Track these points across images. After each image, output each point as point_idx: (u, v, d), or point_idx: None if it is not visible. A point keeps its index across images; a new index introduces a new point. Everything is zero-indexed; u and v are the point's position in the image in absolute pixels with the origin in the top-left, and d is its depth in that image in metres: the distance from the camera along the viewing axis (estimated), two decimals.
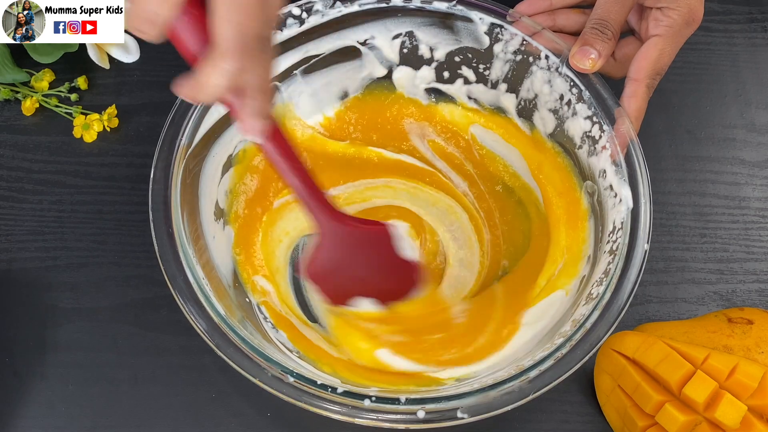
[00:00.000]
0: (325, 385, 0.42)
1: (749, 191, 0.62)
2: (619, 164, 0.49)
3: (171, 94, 0.50)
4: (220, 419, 0.52)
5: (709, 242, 0.60)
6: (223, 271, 0.51)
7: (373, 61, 0.57)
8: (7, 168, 0.60)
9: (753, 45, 0.68)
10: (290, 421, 0.53)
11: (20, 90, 0.62)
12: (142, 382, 0.53)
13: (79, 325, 0.55)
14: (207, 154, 0.52)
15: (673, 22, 0.51)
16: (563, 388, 0.52)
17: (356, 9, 0.53)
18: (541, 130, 0.56)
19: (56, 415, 0.52)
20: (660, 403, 0.46)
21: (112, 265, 0.57)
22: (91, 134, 0.61)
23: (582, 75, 0.51)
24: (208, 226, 0.51)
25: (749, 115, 0.65)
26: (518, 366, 0.43)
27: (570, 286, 0.51)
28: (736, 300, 0.58)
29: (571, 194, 0.55)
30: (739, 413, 0.44)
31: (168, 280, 0.45)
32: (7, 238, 0.58)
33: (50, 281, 0.56)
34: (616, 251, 0.46)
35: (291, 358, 0.48)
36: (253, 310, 0.52)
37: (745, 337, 0.48)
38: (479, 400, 0.41)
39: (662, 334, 0.50)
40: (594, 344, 0.43)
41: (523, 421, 0.53)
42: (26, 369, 0.54)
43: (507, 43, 0.54)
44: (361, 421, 0.41)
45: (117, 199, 0.59)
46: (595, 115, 0.51)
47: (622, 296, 0.44)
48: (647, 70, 0.51)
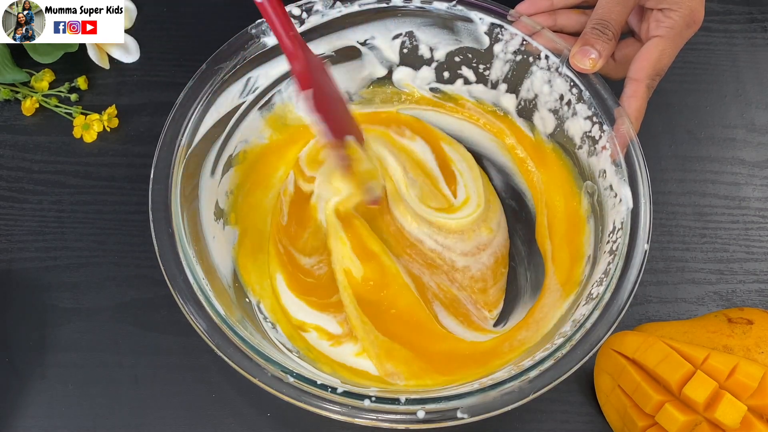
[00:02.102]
0: (324, 385, 0.42)
1: (749, 191, 0.62)
2: (619, 164, 0.49)
3: (171, 94, 0.50)
4: (220, 419, 0.52)
5: (709, 242, 0.60)
6: (223, 271, 0.51)
7: (373, 61, 0.57)
8: (7, 168, 0.60)
9: (753, 45, 0.68)
10: (290, 421, 0.53)
11: (20, 90, 0.62)
12: (142, 382, 0.53)
13: (79, 325, 0.55)
14: (207, 154, 0.52)
15: (674, 23, 0.51)
16: (563, 388, 0.52)
17: (356, 9, 0.53)
18: (541, 130, 0.56)
19: (56, 415, 0.52)
20: (660, 403, 0.46)
21: (112, 265, 0.57)
22: (91, 134, 0.61)
23: (582, 75, 0.51)
24: (208, 226, 0.51)
25: (749, 115, 0.65)
26: (518, 366, 0.43)
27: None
28: (736, 300, 0.58)
29: (571, 194, 0.55)
30: (739, 413, 0.44)
31: (168, 280, 0.45)
32: (7, 238, 0.58)
33: (50, 281, 0.56)
34: (616, 251, 0.46)
35: (291, 358, 0.48)
36: (253, 310, 0.52)
37: (745, 337, 0.48)
38: (479, 400, 0.41)
39: (662, 334, 0.50)
40: (594, 344, 0.43)
41: (523, 421, 0.53)
42: (26, 369, 0.54)
43: (507, 43, 0.54)
44: (360, 421, 0.41)
45: (117, 199, 0.59)
46: (595, 115, 0.51)
47: (622, 296, 0.44)
48: (647, 70, 0.51)
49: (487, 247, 0.54)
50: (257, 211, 0.56)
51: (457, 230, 0.54)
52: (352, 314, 0.51)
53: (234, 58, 0.51)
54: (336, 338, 0.52)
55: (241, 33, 0.52)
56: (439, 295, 0.53)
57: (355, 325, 0.51)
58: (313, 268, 0.55)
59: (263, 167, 0.57)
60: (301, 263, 0.55)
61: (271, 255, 0.55)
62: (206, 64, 0.51)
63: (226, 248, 0.53)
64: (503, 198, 0.58)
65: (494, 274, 0.54)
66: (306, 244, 0.55)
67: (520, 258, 0.56)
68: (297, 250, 0.55)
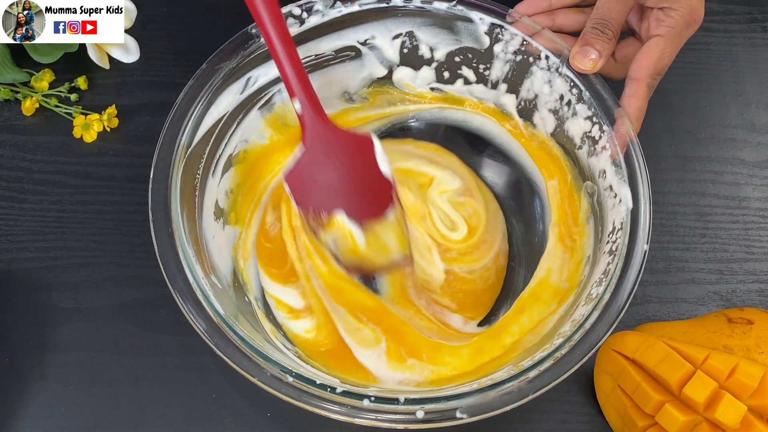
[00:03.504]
0: (324, 385, 0.42)
1: (749, 191, 0.62)
2: (619, 164, 0.49)
3: (171, 94, 0.50)
4: (220, 419, 0.52)
5: (709, 242, 0.60)
6: (223, 271, 0.51)
7: (374, 61, 0.57)
8: (7, 168, 0.60)
9: (753, 45, 0.68)
10: (290, 421, 0.53)
11: (20, 90, 0.62)
12: (142, 382, 0.53)
13: (79, 325, 0.55)
14: (207, 153, 0.52)
15: (674, 22, 0.51)
16: (563, 388, 0.53)
17: (356, 9, 0.53)
18: (541, 130, 0.56)
19: (56, 415, 0.52)
20: (660, 403, 0.46)
21: (112, 265, 0.57)
22: (91, 134, 0.61)
23: (582, 75, 0.51)
24: (208, 226, 0.51)
25: (749, 115, 0.65)
26: (518, 366, 0.43)
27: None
28: (736, 300, 0.58)
29: (571, 195, 0.55)
30: (739, 413, 0.44)
31: (168, 280, 0.45)
32: (7, 238, 0.58)
33: (50, 281, 0.56)
34: (615, 251, 0.46)
35: (290, 357, 0.48)
36: (253, 309, 0.52)
37: (745, 337, 0.48)
38: (478, 400, 0.41)
39: (662, 334, 0.50)
40: (593, 344, 0.43)
41: (523, 421, 0.53)
42: (26, 369, 0.54)
43: (507, 43, 0.54)
44: (360, 421, 0.41)
45: (117, 199, 0.59)
46: (595, 115, 0.51)
47: (622, 296, 0.44)
48: (648, 69, 0.51)
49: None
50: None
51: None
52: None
53: (234, 58, 0.51)
54: (295, 312, 0.53)
55: (241, 33, 0.52)
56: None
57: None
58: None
59: (263, 167, 0.57)
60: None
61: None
62: (206, 64, 0.51)
63: (226, 248, 0.53)
64: (504, 197, 0.58)
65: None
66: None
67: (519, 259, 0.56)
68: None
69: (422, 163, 0.57)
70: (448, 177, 0.57)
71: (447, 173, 0.57)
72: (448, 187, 0.56)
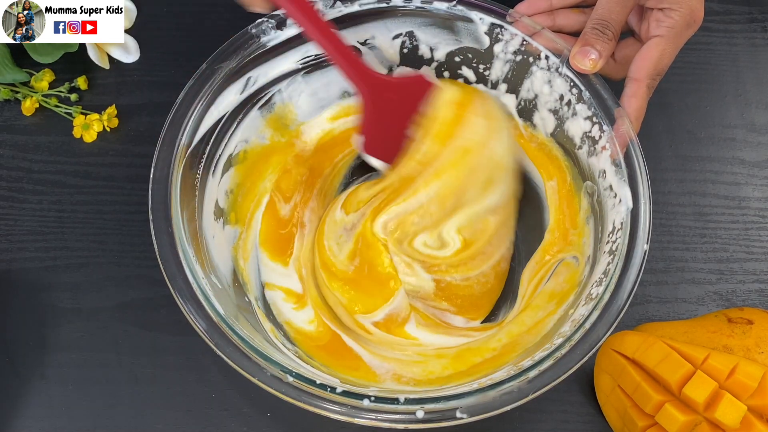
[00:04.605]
0: (324, 385, 0.42)
1: (749, 191, 0.62)
2: (619, 164, 0.49)
3: (171, 94, 0.50)
4: (220, 419, 0.52)
5: (709, 242, 0.60)
6: (223, 271, 0.51)
7: (374, 61, 0.57)
8: (7, 168, 0.60)
9: (753, 45, 0.68)
10: (290, 421, 0.53)
11: (20, 90, 0.62)
12: (142, 382, 0.53)
13: (79, 325, 0.55)
14: (207, 153, 0.52)
15: (674, 23, 0.51)
16: (563, 388, 0.53)
17: (356, 9, 0.53)
18: (541, 130, 0.56)
19: (56, 415, 0.52)
20: (660, 403, 0.46)
21: (112, 265, 0.57)
22: (91, 134, 0.61)
23: (582, 75, 0.51)
24: (208, 226, 0.51)
25: (749, 115, 0.65)
26: (518, 366, 0.43)
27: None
28: (736, 300, 0.58)
29: (570, 196, 0.55)
30: (739, 413, 0.44)
31: (168, 279, 0.45)
32: (7, 238, 0.58)
33: (50, 281, 0.56)
34: (615, 251, 0.46)
35: (290, 357, 0.48)
36: (253, 309, 0.52)
37: (745, 337, 0.48)
38: (478, 400, 0.41)
39: (662, 334, 0.50)
40: (593, 344, 0.43)
41: (523, 421, 0.53)
42: (26, 369, 0.54)
43: (507, 43, 0.54)
44: (360, 421, 0.41)
45: (117, 199, 0.59)
46: (595, 115, 0.51)
47: (622, 296, 0.44)
48: (648, 70, 0.51)
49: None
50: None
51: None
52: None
53: (234, 57, 0.51)
54: (299, 297, 0.53)
55: (241, 33, 0.52)
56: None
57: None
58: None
59: (263, 167, 0.57)
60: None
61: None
62: (206, 64, 0.51)
63: (225, 248, 0.53)
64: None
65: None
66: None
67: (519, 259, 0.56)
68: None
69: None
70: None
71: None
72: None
